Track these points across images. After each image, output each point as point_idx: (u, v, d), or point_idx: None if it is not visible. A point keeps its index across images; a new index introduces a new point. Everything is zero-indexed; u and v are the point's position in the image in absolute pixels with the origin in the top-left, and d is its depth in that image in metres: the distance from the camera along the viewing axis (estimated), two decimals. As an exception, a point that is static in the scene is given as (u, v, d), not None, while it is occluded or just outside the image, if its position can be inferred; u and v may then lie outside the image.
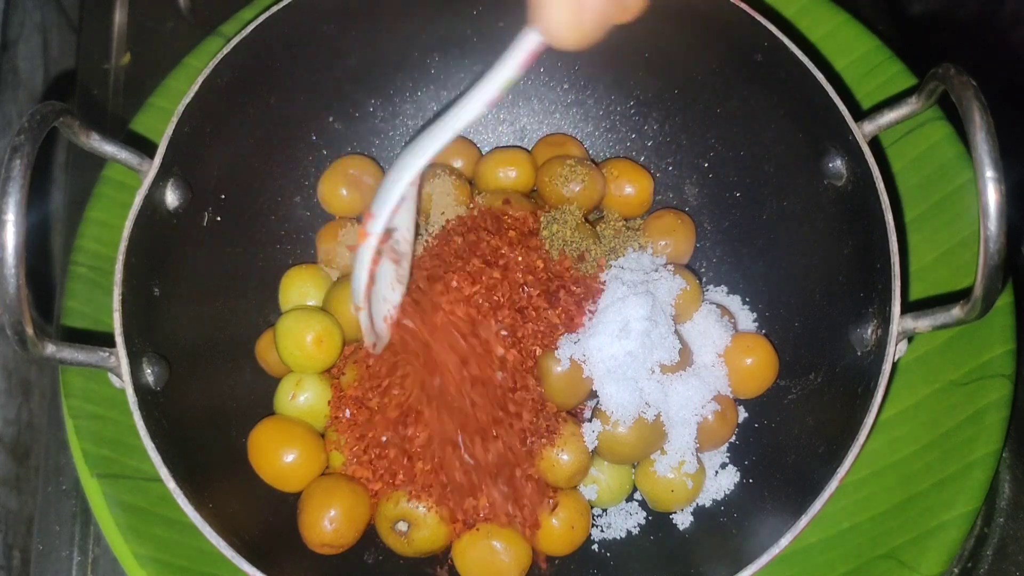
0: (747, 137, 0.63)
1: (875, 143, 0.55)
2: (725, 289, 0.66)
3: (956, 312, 0.48)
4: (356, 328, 0.61)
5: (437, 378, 0.56)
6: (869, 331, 0.53)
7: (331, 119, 0.67)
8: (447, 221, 0.62)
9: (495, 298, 0.57)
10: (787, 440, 0.59)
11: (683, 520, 0.60)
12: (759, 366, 0.60)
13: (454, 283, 0.57)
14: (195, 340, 0.59)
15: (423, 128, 0.54)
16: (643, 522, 0.61)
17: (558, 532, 0.56)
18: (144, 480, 0.58)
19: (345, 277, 0.64)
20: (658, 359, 0.56)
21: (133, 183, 0.55)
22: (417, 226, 0.61)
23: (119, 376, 0.50)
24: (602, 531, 0.60)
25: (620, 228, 0.65)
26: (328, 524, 0.55)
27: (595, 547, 0.60)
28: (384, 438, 0.57)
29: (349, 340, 0.62)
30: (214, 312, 0.61)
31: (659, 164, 0.69)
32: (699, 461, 0.59)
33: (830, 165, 0.56)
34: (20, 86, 0.77)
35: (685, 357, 0.58)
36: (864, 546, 0.56)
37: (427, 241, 0.62)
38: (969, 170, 0.63)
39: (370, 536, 0.58)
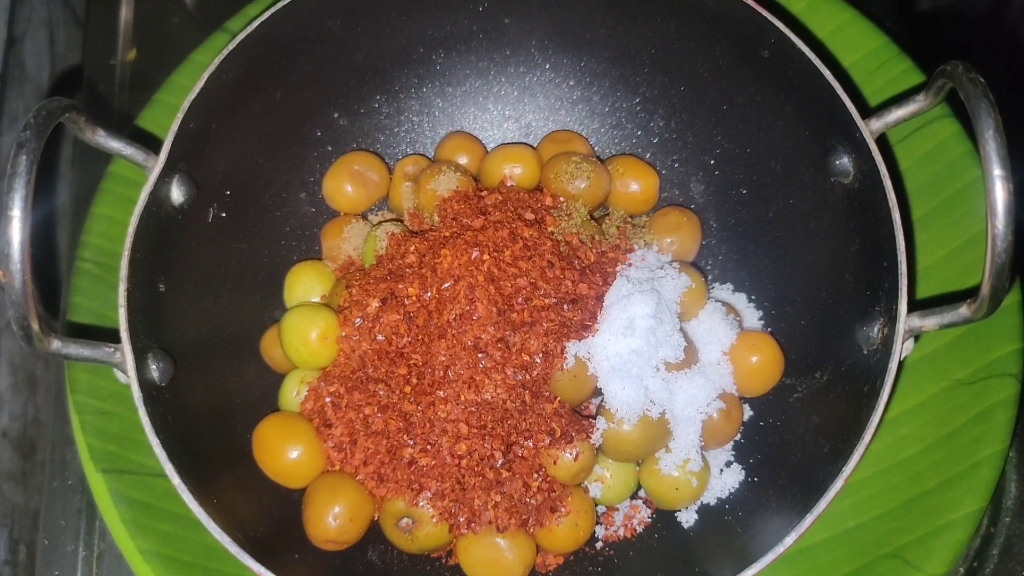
0: (754, 134, 0.63)
1: (882, 140, 0.55)
2: (731, 287, 0.66)
3: (963, 311, 0.48)
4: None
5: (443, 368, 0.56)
6: (876, 329, 0.53)
7: (336, 115, 0.67)
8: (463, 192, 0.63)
9: (517, 271, 0.56)
10: (792, 438, 0.59)
11: (688, 518, 0.60)
12: (765, 364, 0.60)
13: (475, 254, 0.56)
14: (200, 336, 0.59)
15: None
16: (648, 520, 0.61)
17: (563, 530, 0.56)
18: (149, 475, 0.58)
19: (349, 274, 0.64)
20: (663, 357, 0.56)
21: (139, 179, 0.55)
22: None
23: (124, 372, 0.50)
24: (606, 529, 0.60)
25: (625, 225, 0.65)
26: (332, 520, 0.55)
27: (599, 545, 0.60)
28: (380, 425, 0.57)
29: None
30: (219, 308, 0.61)
31: (665, 161, 0.69)
32: (704, 459, 0.59)
33: (837, 163, 0.56)
34: (26, 82, 0.77)
35: (690, 355, 0.58)
36: (869, 545, 0.56)
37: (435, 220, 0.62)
38: (977, 168, 0.62)
39: (374, 532, 0.58)
